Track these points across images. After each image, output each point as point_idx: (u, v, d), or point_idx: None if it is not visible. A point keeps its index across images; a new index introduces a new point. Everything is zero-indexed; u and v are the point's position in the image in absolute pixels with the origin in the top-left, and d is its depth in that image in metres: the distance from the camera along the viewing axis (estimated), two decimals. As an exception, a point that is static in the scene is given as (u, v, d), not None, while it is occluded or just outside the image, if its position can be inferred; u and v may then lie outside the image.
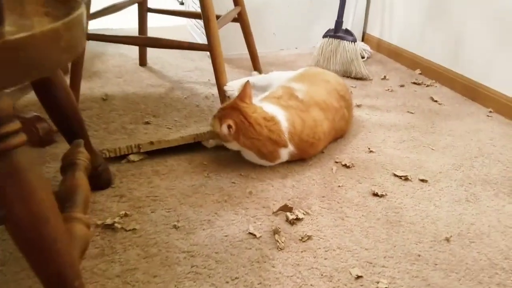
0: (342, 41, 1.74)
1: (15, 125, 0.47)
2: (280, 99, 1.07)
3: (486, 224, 0.91)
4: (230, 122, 0.97)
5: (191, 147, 1.17)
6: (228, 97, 1.23)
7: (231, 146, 1.04)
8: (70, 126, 0.87)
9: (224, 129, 0.98)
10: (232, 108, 1.01)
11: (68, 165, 0.81)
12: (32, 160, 0.51)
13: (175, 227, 0.88)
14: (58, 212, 0.56)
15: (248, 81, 1.04)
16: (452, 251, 0.83)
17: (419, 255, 0.82)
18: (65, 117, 0.84)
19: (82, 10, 0.51)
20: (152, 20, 2.48)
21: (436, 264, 0.80)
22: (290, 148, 1.03)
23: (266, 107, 1.03)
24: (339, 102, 1.14)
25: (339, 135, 1.20)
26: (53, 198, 0.55)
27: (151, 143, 1.09)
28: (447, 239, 0.86)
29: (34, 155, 0.91)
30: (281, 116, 1.01)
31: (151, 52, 1.96)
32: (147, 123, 1.32)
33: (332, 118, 1.10)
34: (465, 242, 0.85)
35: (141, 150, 1.10)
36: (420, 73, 1.80)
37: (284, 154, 1.04)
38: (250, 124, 0.98)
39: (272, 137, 0.99)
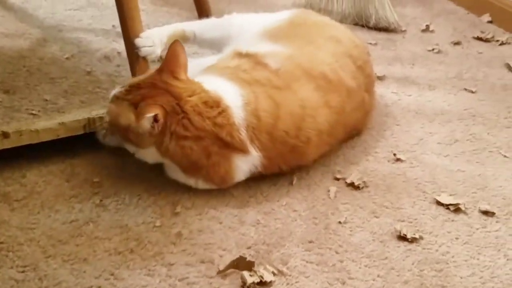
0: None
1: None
2: (238, 69, 0.82)
3: None
4: (158, 110, 0.73)
5: (72, 148, 0.84)
6: (144, 57, 0.91)
7: (144, 154, 0.78)
8: None
9: (146, 123, 0.73)
10: (154, 87, 0.76)
11: None
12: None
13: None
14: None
15: (177, 40, 0.78)
16: None
17: None
18: None
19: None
20: None
21: None
22: (254, 154, 0.76)
23: (209, 81, 0.79)
24: (355, 78, 0.87)
25: (351, 134, 0.92)
26: None
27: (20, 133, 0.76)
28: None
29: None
30: (234, 98, 0.76)
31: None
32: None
33: (340, 104, 0.84)
34: None
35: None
36: (490, 21, 1.38)
37: (243, 166, 0.78)
38: (184, 115, 0.74)
39: (220, 135, 0.74)
